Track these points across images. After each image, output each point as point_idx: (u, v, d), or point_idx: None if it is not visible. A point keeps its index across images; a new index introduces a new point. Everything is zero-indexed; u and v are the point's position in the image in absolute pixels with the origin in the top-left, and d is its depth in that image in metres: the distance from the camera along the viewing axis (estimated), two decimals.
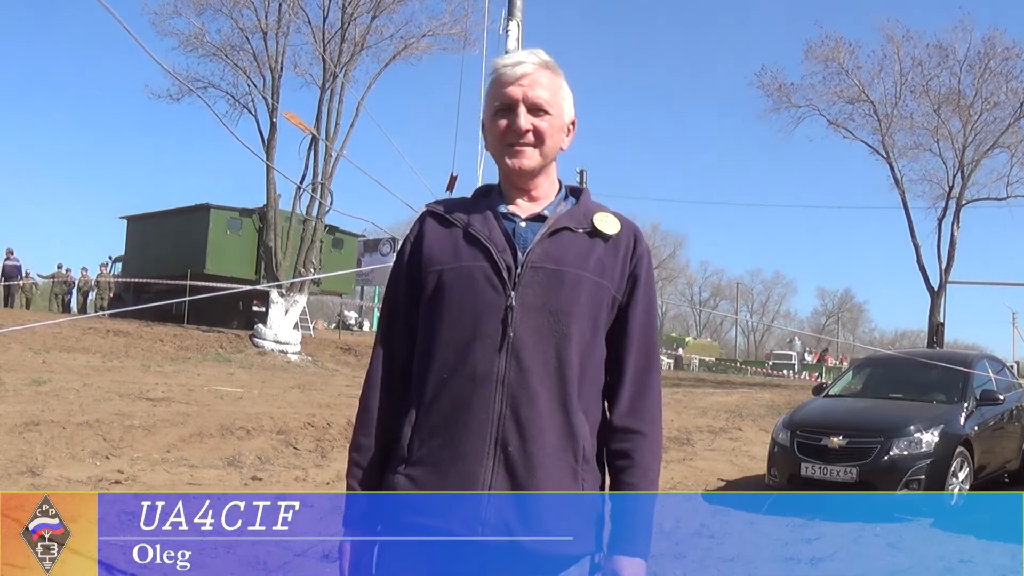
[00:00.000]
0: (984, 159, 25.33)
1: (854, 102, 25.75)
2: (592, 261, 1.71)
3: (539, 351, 1.65)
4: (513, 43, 7.28)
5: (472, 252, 1.71)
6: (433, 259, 1.73)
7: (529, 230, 1.74)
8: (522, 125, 1.73)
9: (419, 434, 1.67)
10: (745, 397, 17.18)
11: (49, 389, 10.08)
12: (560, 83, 1.80)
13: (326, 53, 19.91)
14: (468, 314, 1.67)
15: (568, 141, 1.83)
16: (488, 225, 1.74)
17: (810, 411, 8.88)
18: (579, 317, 1.68)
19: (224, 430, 8.21)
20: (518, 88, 1.74)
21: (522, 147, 1.75)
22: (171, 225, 25.03)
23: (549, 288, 1.67)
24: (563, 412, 1.65)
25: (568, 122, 1.82)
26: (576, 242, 1.73)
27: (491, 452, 1.62)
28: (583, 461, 1.67)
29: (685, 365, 38.20)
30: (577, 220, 1.76)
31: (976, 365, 9.23)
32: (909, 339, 62.64)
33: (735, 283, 66.74)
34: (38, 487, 6.05)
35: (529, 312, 1.66)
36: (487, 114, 1.81)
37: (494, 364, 1.64)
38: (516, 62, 1.76)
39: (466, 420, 1.63)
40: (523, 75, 1.74)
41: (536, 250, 1.70)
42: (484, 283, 1.68)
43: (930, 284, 24.97)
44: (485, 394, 1.63)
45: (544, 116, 1.75)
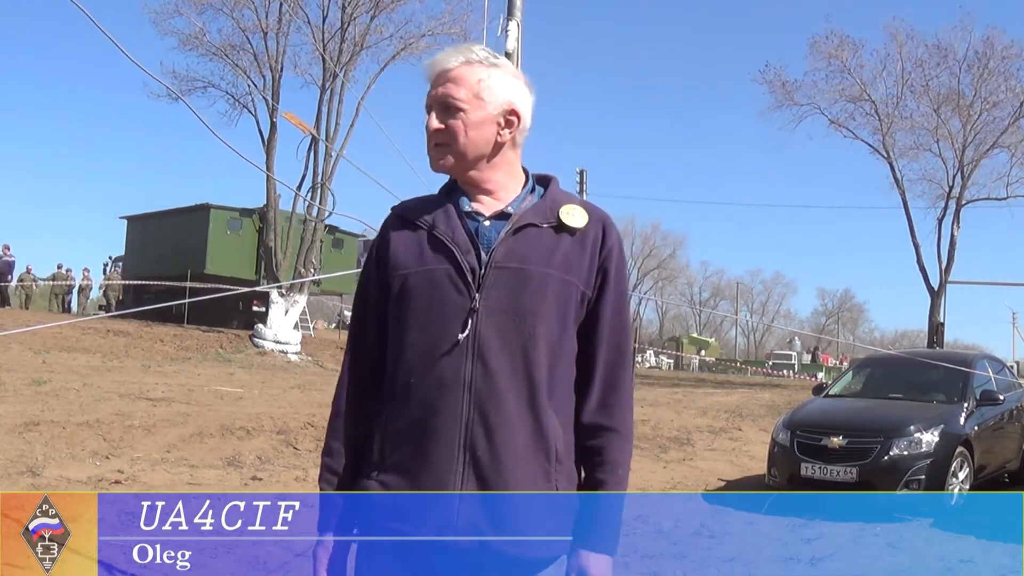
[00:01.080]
0: (984, 159, 25.39)
1: (855, 101, 25.79)
2: (558, 257, 1.67)
3: (505, 354, 1.62)
4: (513, 43, 7.28)
5: (436, 255, 1.68)
6: (398, 263, 1.70)
7: (493, 228, 1.70)
8: (430, 125, 1.71)
9: (389, 440, 1.65)
10: (745, 397, 17.18)
11: (49, 389, 10.08)
12: (485, 73, 1.71)
13: (326, 53, 19.92)
14: (433, 318, 1.64)
15: (510, 133, 1.73)
16: (451, 225, 1.70)
17: (810, 411, 8.87)
18: (546, 316, 1.64)
19: (224, 430, 8.21)
20: (433, 89, 1.72)
21: (437, 147, 1.72)
22: (171, 225, 25.03)
23: (514, 288, 1.64)
24: (532, 414, 1.63)
25: (499, 113, 1.72)
26: (541, 238, 1.68)
27: (460, 458, 1.60)
28: (556, 462, 1.65)
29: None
30: (542, 215, 1.71)
31: (976, 365, 9.23)
32: (909, 339, 62.65)
33: (735, 283, 66.78)
34: (38, 487, 6.05)
35: (494, 314, 1.63)
36: None
37: (460, 369, 1.61)
38: (433, 62, 1.74)
39: (435, 426, 1.61)
40: (437, 75, 1.72)
41: (500, 249, 1.66)
42: (448, 286, 1.65)
43: (930, 284, 24.98)
44: (452, 399, 1.61)
45: (457, 113, 1.69)
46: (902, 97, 25.45)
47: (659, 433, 11.23)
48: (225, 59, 20.55)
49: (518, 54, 7.34)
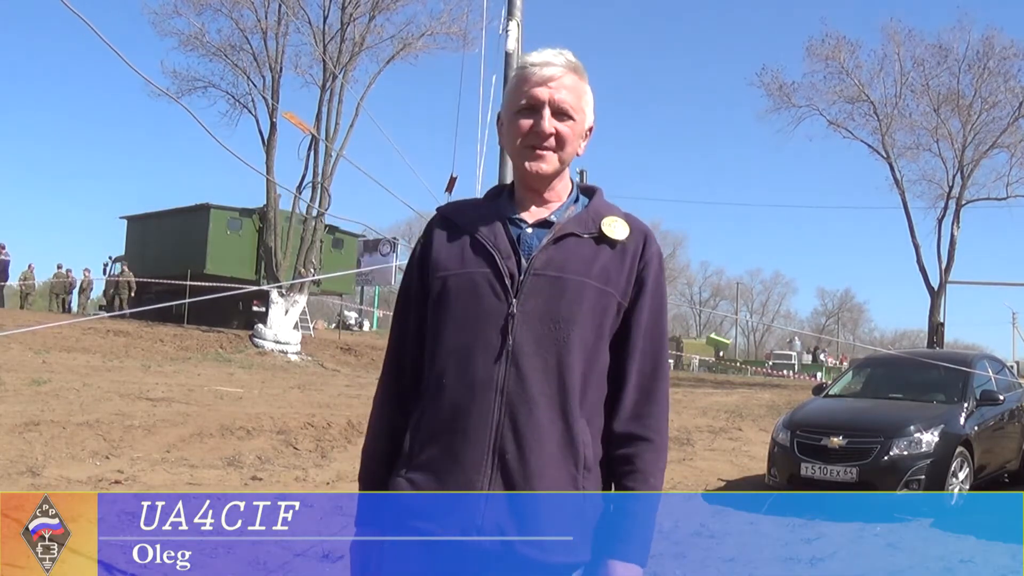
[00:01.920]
0: (984, 159, 25.38)
1: (854, 102, 25.79)
2: (596, 268, 1.69)
3: (539, 359, 1.63)
4: (512, 43, 7.27)
5: (477, 258, 1.69)
6: (440, 264, 1.72)
7: (535, 236, 1.72)
8: (546, 128, 1.70)
9: (419, 438, 1.68)
10: (745, 397, 17.18)
11: (49, 389, 10.08)
12: (585, 88, 1.77)
13: (326, 53, 19.92)
14: (470, 321, 1.66)
15: (584, 147, 1.80)
16: (494, 231, 1.72)
17: (810, 411, 8.88)
18: (581, 325, 1.65)
19: (224, 430, 8.21)
20: (545, 90, 1.71)
21: (543, 151, 1.71)
22: (171, 225, 25.04)
23: (551, 296, 1.65)
24: (563, 420, 1.63)
25: (587, 128, 1.79)
26: (581, 248, 1.70)
27: (489, 460, 1.61)
28: (584, 469, 1.65)
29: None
30: (584, 225, 1.73)
31: (976, 365, 9.23)
32: (909, 339, 62.67)
33: (735, 283, 66.77)
34: (38, 487, 6.05)
35: (530, 320, 1.64)
36: (508, 111, 1.77)
37: (493, 372, 1.63)
38: (545, 62, 1.72)
39: (464, 427, 1.62)
40: (551, 77, 1.71)
41: (540, 257, 1.68)
42: (487, 290, 1.66)
43: (930, 284, 24.98)
44: (484, 402, 1.62)
45: (567, 121, 1.72)
46: (901, 97, 25.47)
47: None
48: (225, 59, 20.57)
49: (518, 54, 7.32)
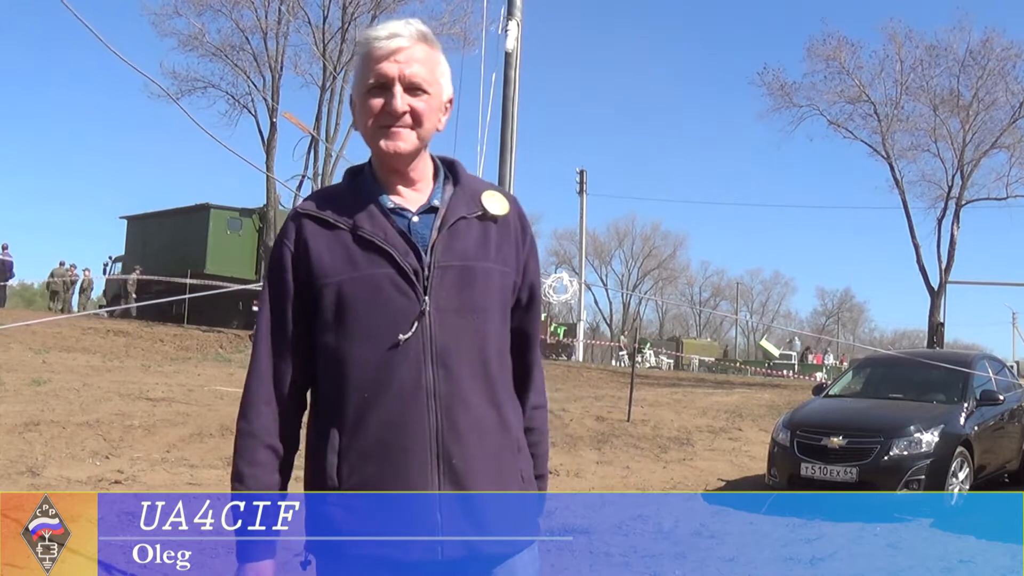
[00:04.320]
0: (983, 159, 25.39)
1: (855, 102, 25.80)
2: (492, 249, 1.64)
3: (463, 354, 1.57)
4: (512, 42, 7.27)
5: (370, 258, 1.58)
6: (325, 269, 1.58)
7: (423, 225, 1.62)
8: (399, 107, 1.59)
9: (347, 460, 1.55)
10: (745, 397, 17.17)
11: (49, 389, 10.08)
12: (439, 58, 1.66)
13: (326, 53, 19.93)
14: (381, 326, 1.55)
15: (444, 120, 1.69)
16: (379, 225, 1.60)
17: (810, 411, 8.87)
18: (494, 311, 1.62)
19: (224, 430, 8.21)
20: (394, 65, 1.59)
21: (399, 129, 1.60)
22: (171, 225, 25.05)
23: (462, 287, 1.59)
24: (495, 410, 1.61)
25: (446, 100, 1.68)
26: (472, 231, 1.64)
27: (435, 467, 1.54)
28: (518, 451, 1.66)
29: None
30: (467, 205, 1.65)
31: (976, 365, 9.23)
32: (909, 339, 62.65)
33: (735, 283, 66.76)
34: (38, 487, 6.05)
35: (446, 315, 1.57)
36: (357, 91, 1.65)
37: (420, 376, 1.55)
38: (390, 34, 1.60)
39: (403, 439, 1.54)
40: (398, 49, 1.59)
41: (438, 247, 1.60)
42: (392, 290, 1.56)
43: (930, 284, 25.00)
44: (418, 409, 1.54)
45: (422, 95, 1.61)
46: (901, 98, 25.49)
47: (659, 433, 11.23)
48: (225, 59, 20.60)
49: (518, 54, 7.33)
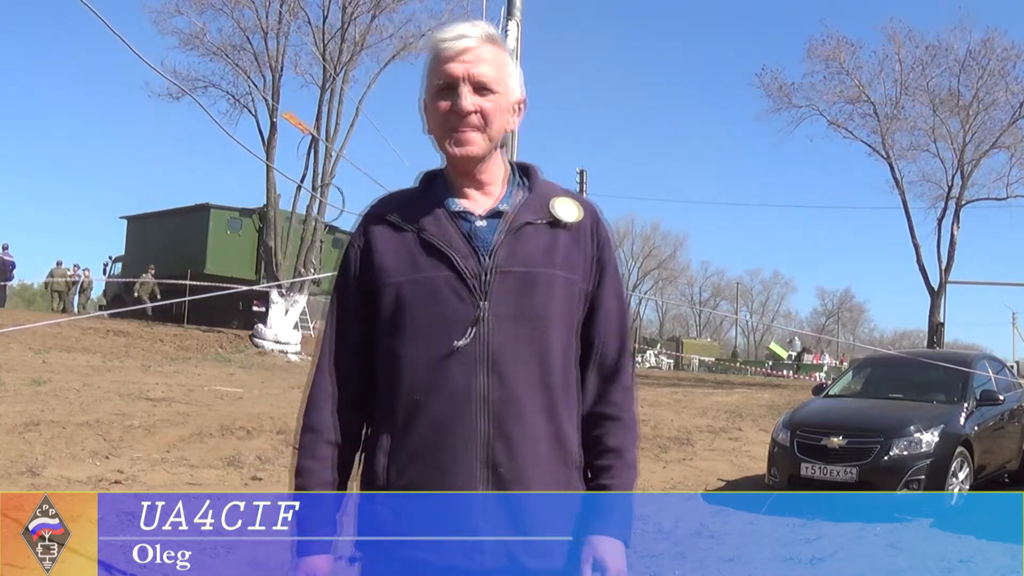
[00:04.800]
0: (983, 159, 25.40)
1: (855, 102, 25.80)
2: (559, 256, 1.60)
3: (520, 362, 1.54)
4: (512, 42, 7.27)
5: (431, 260, 1.57)
6: (387, 270, 1.59)
7: (488, 229, 1.60)
8: (466, 107, 1.57)
9: (397, 461, 1.56)
10: (745, 397, 17.17)
11: (49, 389, 10.08)
12: (506, 58, 1.64)
13: (326, 53, 19.92)
14: (437, 330, 1.54)
15: (516, 122, 1.67)
16: (442, 228, 1.59)
17: (810, 411, 8.87)
18: (557, 319, 1.58)
19: (224, 430, 8.21)
20: (461, 65, 1.58)
21: (466, 130, 1.58)
22: (171, 225, 25.05)
23: (521, 293, 1.56)
24: (551, 422, 1.57)
25: (515, 101, 1.66)
26: (539, 236, 1.60)
27: (481, 475, 1.52)
28: (574, 467, 1.60)
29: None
30: (535, 211, 1.62)
31: (976, 365, 9.23)
32: (909, 339, 62.63)
33: (735, 283, 66.75)
34: (38, 487, 6.05)
35: (504, 321, 1.54)
36: (426, 94, 1.64)
37: (473, 382, 1.53)
38: (458, 35, 1.59)
39: (451, 444, 1.53)
40: (465, 50, 1.58)
41: (501, 252, 1.57)
42: (450, 294, 1.55)
43: (930, 284, 24.99)
44: (468, 414, 1.52)
45: (490, 95, 1.59)
46: (901, 98, 25.48)
47: (659, 433, 11.23)
48: (225, 59, 20.55)
49: (518, 54, 7.33)
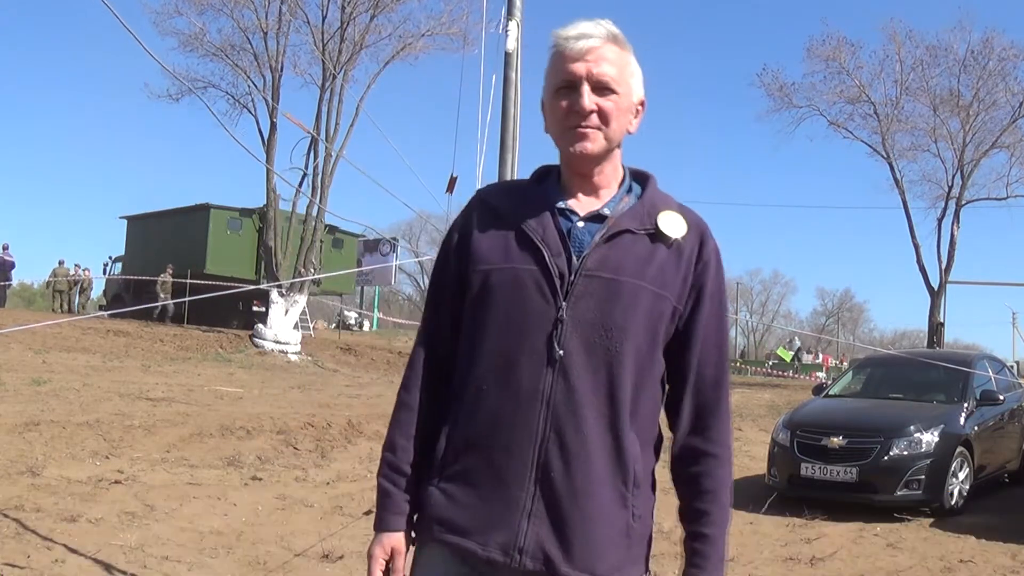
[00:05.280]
0: (983, 159, 25.41)
1: (855, 102, 25.82)
2: (652, 270, 1.56)
3: (589, 370, 1.51)
4: (512, 43, 7.26)
5: (523, 253, 1.56)
6: (481, 256, 1.59)
7: (586, 231, 1.58)
8: (586, 105, 1.56)
9: (454, 446, 1.56)
10: (745, 397, 17.16)
11: (49, 389, 10.08)
12: (628, 58, 1.62)
13: (325, 53, 19.91)
14: (514, 323, 1.53)
15: (636, 123, 1.65)
16: (543, 222, 1.58)
17: (810, 411, 8.88)
18: (635, 333, 1.53)
19: (224, 430, 8.20)
20: (582, 64, 1.56)
21: (586, 129, 1.57)
22: (171, 225, 25.06)
23: (604, 300, 1.53)
24: (613, 436, 1.53)
25: (636, 102, 1.65)
26: (636, 247, 1.57)
27: (532, 476, 1.50)
28: (633, 486, 1.56)
29: None
30: (639, 220, 1.59)
31: (976, 365, 9.23)
32: (909, 339, 62.66)
33: (735, 283, 66.73)
34: (38, 487, 6.04)
35: (581, 326, 1.52)
36: (547, 93, 1.63)
37: (539, 382, 1.51)
38: (580, 35, 1.58)
39: (506, 440, 1.51)
40: (588, 50, 1.56)
41: (592, 256, 1.54)
42: (533, 290, 1.53)
43: (930, 284, 25.00)
44: (528, 414, 1.51)
45: (610, 95, 1.57)
46: (901, 98, 25.49)
47: None
48: (225, 59, 20.54)
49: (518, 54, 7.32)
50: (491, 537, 1.50)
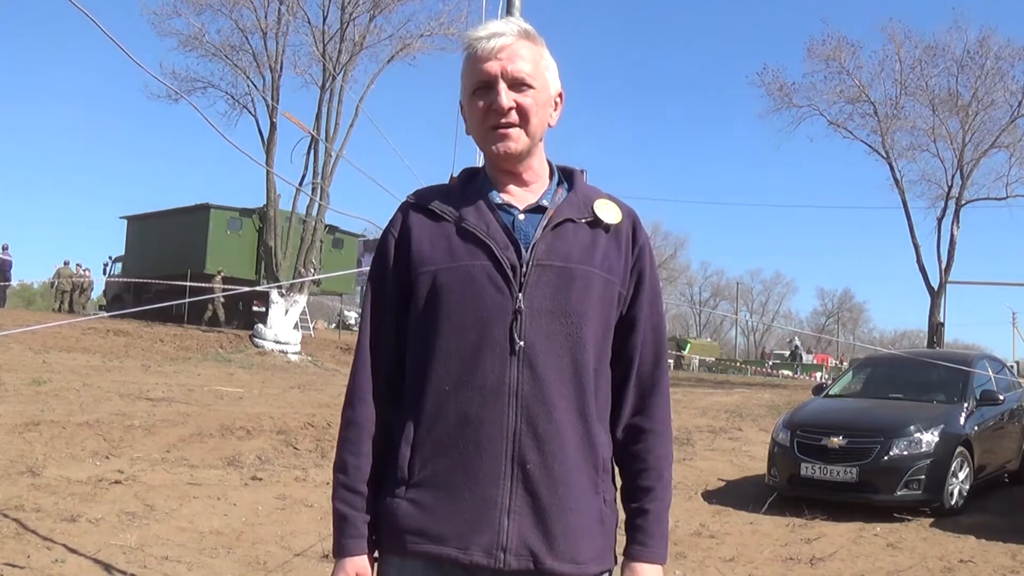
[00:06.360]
0: (983, 159, 25.41)
1: (855, 102, 25.83)
2: (599, 255, 1.58)
3: (553, 358, 1.52)
4: None
5: (470, 249, 1.55)
6: (424, 258, 1.57)
7: (529, 223, 1.59)
8: (504, 103, 1.56)
9: (420, 453, 1.53)
10: (745, 397, 17.18)
11: (49, 389, 10.07)
12: (542, 52, 1.63)
13: (325, 53, 19.92)
14: (471, 319, 1.52)
15: (556, 116, 1.67)
16: (484, 218, 1.58)
17: (810, 411, 8.88)
18: (592, 317, 1.55)
19: (224, 430, 8.20)
20: (496, 63, 1.57)
21: (507, 129, 1.58)
22: (171, 225, 25.07)
23: (559, 288, 1.54)
24: (582, 422, 1.54)
25: (554, 95, 1.66)
26: (580, 235, 1.59)
27: (508, 471, 1.49)
28: (602, 472, 1.58)
29: (686, 366, 38.10)
30: (578, 209, 1.62)
31: (976, 365, 9.23)
32: (909, 339, 62.70)
33: (735, 283, 66.76)
34: (38, 487, 6.05)
35: (540, 315, 1.52)
36: (464, 95, 1.63)
37: (505, 375, 1.50)
38: (491, 34, 1.58)
39: (477, 438, 1.49)
40: (501, 48, 1.57)
41: (540, 246, 1.56)
42: (487, 284, 1.53)
43: (930, 284, 25.00)
44: (498, 408, 1.49)
45: (527, 91, 1.58)
46: (900, 98, 25.50)
47: None
48: (225, 59, 20.55)
49: None
50: (471, 540, 1.48)
